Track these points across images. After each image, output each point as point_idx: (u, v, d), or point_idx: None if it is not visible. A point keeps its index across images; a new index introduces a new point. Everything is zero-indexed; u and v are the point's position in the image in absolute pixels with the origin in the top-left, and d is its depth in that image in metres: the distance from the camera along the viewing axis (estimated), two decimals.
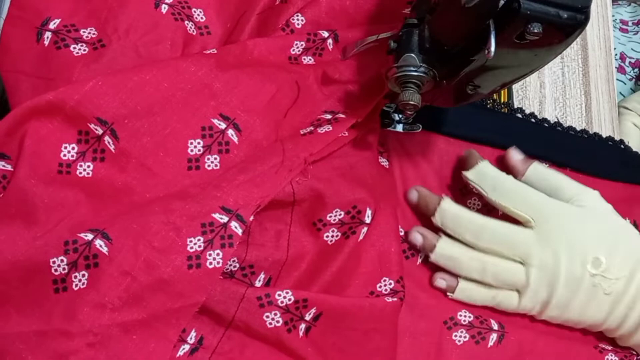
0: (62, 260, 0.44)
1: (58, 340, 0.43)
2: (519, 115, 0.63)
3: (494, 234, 0.53)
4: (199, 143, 0.50)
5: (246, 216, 0.46)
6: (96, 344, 0.43)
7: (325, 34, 0.57)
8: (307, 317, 0.48)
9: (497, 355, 0.55)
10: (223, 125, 0.50)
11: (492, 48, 0.38)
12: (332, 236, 0.51)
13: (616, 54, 0.72)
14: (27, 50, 0.52)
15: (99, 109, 0.48)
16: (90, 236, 0.44)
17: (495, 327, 0.55)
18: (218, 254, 0.45)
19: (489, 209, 0.57)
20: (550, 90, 0.66)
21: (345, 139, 0.52)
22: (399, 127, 0.57)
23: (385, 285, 0.51)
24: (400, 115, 0.56)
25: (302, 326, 0.48)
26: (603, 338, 0.58)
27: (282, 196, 0.49)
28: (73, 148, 0.48)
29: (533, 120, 0.63)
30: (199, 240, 0.45)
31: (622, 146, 0.64)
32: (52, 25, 0.52)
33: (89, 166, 0.48)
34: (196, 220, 0.45)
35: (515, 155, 0.57)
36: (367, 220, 0.51)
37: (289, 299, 0.47)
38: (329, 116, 0.54)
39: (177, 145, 0.49)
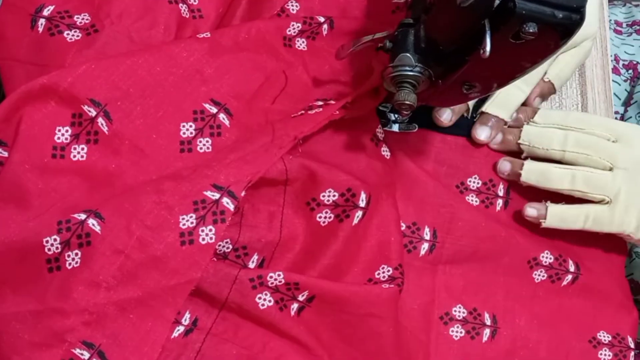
0: (55, 240, 0.44)
1: (54, 318, 0.43)
2: None
3: (579, 138, 0.55)
4: (190, 126, 0.50)
5: (237, 192, 0.46)
6: (92, 323, 0.44)
7: (322, 19, 0.58)
8: (300, 298, 0.48)
9: (491, 351, 0.56)
10: (214, 110, 0.51)
11: (488, 48, 0.38)
12: (326, 217, 0.51)
13: (610, 56, 0.72)
14: (22, 38, 0.52)
15: (92, 91, 0.48)
16: (83, 216, 0.44)
17: (489, 322, 0.56)
18: (210, 230, 0.45)
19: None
20: None
21: (335, 116, 0.52)
22: (395, 127, 0.57)
23: (383, 272, 0.51)
24: (396, 115, 0.56)
25: (295, 306, 0.48)
26: (598, 330, 0.58)
27: (274, 174, 0.49)
28: (67, 131, 0.48)
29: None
30: (191, 217, 0.45)
31: None
32: (46, 12, 0.52)
33: (82, 149, 0.48)
34: (188, 198, 0.46)
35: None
36: (362, 204, 0.51)
37: (280, 281, 0.47)
38: (320, 103, 0.54)
39: (169, 128, 0.50)
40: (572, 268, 0.59)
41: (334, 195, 0.51)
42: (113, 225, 0.44)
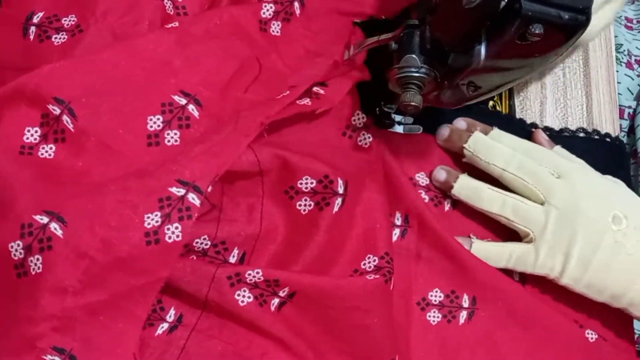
0: (18, 245, 0.44)
1: (25, 325, 0.43)
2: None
3: (524, 163, 0.53)
4: (158, 119, 0.49)
5: (203, 187, 0.45)
6: (61, 328, 0.43)
7: None
8: (282, 294, 0.48)
9: (469, 333, 0.54)
10: (184, 101, 0.49)
11: (482, 58, 0.38)
12: (306, 205, 0.50)
13: (624, 50, 0.72)
14: (15, 47, 0.52)
15: (57, 90, 0.48)
16: (45, 219, 0.44)
17: (466, 304, 0.55)
18: (177, 228, 0.44)
19: None
20: (551, 91, 0.66)
21: (307, 107, 0.50)
22: (399, 128, 0.57)
23: (369, 262, 0.50)
24: (401, 117, 0.56)
25: (275, 301, 0.48)
26: (583, 312, 0.57)
27: (246, 166, 0.48)
28: (36, 131, 0.48)
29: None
30: (156, 215, 0.44)
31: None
32: (35, 19, 0.52)
33: (51, 148, 0.48)
34: (153, 196, 0.45)
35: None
36: (340, 190, 0.50)
37: (259, 278, 0.46)
38: None
39: (136, 123, 0.49)
40: None
41: (311, 183, 0.50)
42: (76, 228, 0.43)
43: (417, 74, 0.44)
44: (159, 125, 0.49)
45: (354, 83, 0.53)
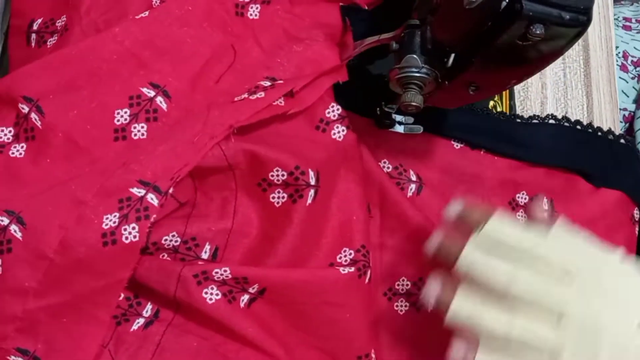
0: None
1: None
2: (519, 121, 0.62)
3: (528, 283, 0.43)
4: (125, 112, 0.48)
5: (163, 187, 0.45)
6: (25, 329, 0.43)
7: None
8: (251, 290, 0.47)
9: (439, 318, 0.52)
10: (152, 93, 0.49)
11: (483, 58, 0.38)
12: (279, 197, 0.49)
13: (619, 52, 0.72)
14: (22, 55, 0.54)
15: (26, 88, 0.47)
16: (6, 221, 0.43)
17: None
18: (134, 228, 0.44)
19: None
20: (552, 91, 0.66)
21: (280, 108, 0.49)
22: (400, 128, 0.57)
23: (345, 255, 0.49)
24: (401, 117, 0.56)
25: (245, 297, 0.47)
26: None
27: (214, 162, 0.47)
28: (10, 131, 0.48)
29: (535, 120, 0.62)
30: (114, 216, 0.44)
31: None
32: (35, 26, 0.53)
33: (22, 147, 0.48)
34: (113, 196, 0.44)
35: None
36: (312, 181, 0.49)
37: (227, 276, 0.46)
38: (268, 83, 0.51)
39: (104, 117, 0.48)
40: None
41: (282, 175, 0.49)
42: (35, 229, 0.43)
43: (418, 74, 0.44)
44: (125, 119, 0.48)
45: (331, 84, 0.52)
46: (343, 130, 0.52)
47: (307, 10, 0.55)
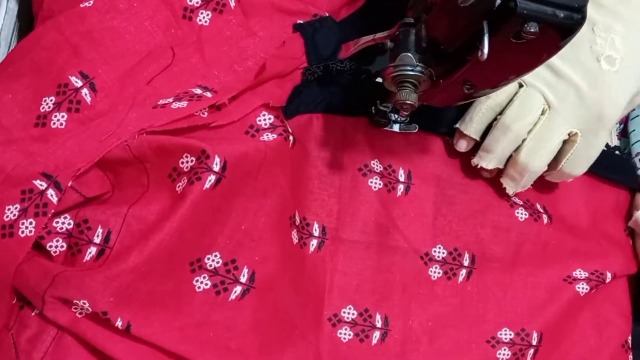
0: None
1: None
2: None
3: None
4: (51, 100, 0.49)
5: (64, 183, 0.45)
6: None
7: None
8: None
9: (381, 354, 0.54)
10: (80, 84, 0.49)
11: (485, 50, 0.37)
12: (181, 184, 0.47)
13: None
14: None
15: None
16: None
17: (379, 324, 0.54)
18: (31, 223, 0.44)
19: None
20: None
21: (201, 119, 0.48)
22: (396, 127, 0.57)
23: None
24: (397, 115, 0.56)
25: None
26: (499, 329, 0.56)
27: (118, 153, 0.46)
28: None
29: None
30: (15, 208, 0.44)
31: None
32: None
33: None
34: (17, 187, 0.44)
35: None
36: (215, 168, 0.47)
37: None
38: (199, 91, 0.51)
39: (32, 104, 0.49)
40: (466, 262, 0.57)
41: (191, 160, 0.47)
42: None
43: (412, 73, 0.44)
44: (49, 107, 0.48)
45: (262, 104, 0.51)
46: (273, 137, 0.51)
47: (260, 22, 0.55)
